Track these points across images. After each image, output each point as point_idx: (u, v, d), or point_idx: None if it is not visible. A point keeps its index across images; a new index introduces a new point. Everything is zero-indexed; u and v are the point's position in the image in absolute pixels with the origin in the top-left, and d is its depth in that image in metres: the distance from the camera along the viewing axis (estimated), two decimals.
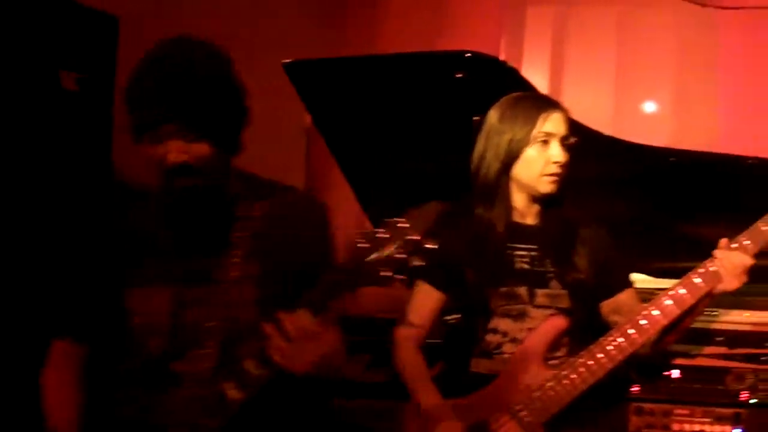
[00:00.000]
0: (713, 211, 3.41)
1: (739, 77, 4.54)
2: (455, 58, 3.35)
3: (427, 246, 1.85)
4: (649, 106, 4.70)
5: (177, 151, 2.01)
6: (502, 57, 4.55)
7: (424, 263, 2.58)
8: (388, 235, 1.83)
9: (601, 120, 4.40)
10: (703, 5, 4.54)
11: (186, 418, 2.04)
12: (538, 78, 4.58)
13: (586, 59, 4.69)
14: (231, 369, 2.03)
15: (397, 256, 1.82)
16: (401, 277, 1.84)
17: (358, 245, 1.85)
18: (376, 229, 1.84)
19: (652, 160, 3.63)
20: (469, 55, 3.34)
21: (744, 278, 2.44)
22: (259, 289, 2.11)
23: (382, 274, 1.83)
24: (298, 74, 3.38)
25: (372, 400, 3.12)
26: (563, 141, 2.55)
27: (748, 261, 2.42)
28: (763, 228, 2.45)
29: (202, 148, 2.03)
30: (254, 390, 2.02)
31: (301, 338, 1.93)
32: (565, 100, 4.53)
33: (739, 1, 4.53)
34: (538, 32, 4.67)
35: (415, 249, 1.83)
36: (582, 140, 2.80)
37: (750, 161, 3.61)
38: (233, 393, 2.01)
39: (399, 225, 1.83)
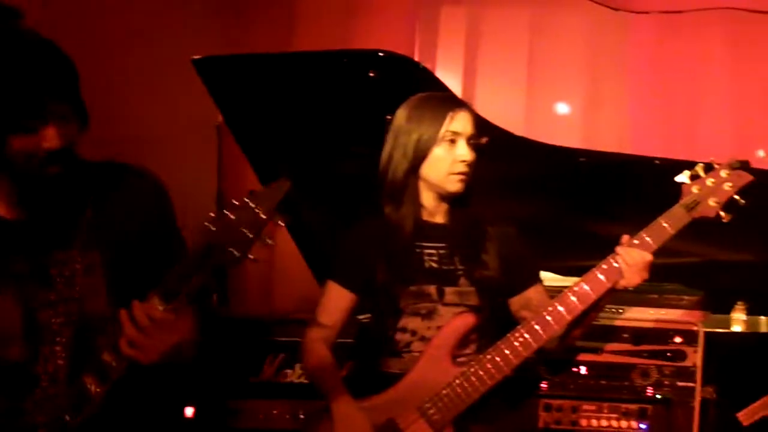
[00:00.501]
0: (622, 209, 3.47)
1: (648, 80, 4.63)
2: (368, 56, 3.35)
3: (278, 224, 1.81)
4: (561, 107, 4.76)
5: (56, 136, 1.91)
6: (416, 57, 4.57)
7: (334, 263, 2.60)
8: (234, 216, 1.79)
9: (513, 120, 4.45)
10: (615, 9, 4.62)
11: (48, 417, 1.98)
12: (452, 78, 4.61)
13: (499, 60, 4.72)
14: (90, 362, 1.97)
15: (249, 237, 1.78)
16: (252, 257, 1.79)
17: (207, 228, 1.81)
18: (224, 211, 1.80)
19: (562, 160, 3.68)
20: (382, 54, 3.34)
21: (645, 274, 2.48)
22: (106, 279, 2.04)
23: (234, 257, 1.79)
24: (209, 71, 3.33)
25: (290, 400, 3.12)
26: (470, 140, 2.57)
27: (648, 257, 2.47)
28: (664, 225, 2.50)
29: (73, 128, 1.96)
30: (113, 382, 1.96)
31: (150, 327, 1.88)
32: (479, 101, 4.65)
33: (649, 5, 4.62)
34: (453, 32, 4.68)
35: (262, 227, 1.79)
36: (493, 140, 2.82)
37: (656, 161, 3.69)
38: (93, 387, 1.96)
39: (246, 205, 1.79)
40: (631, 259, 2.47)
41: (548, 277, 3.38)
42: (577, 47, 4.72)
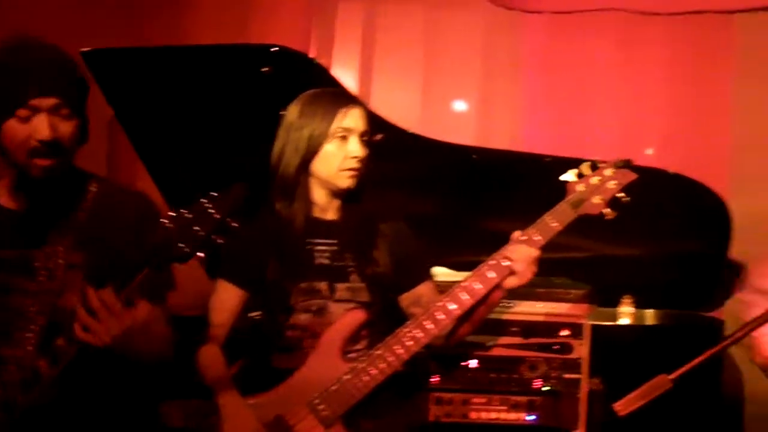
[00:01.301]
0: (513, 206, 3.53)
1: (540, 79, 4.72)
2: (261, 51, 3.33)
3: (232, 225, 1.94)
4: (456, 105, 4.81)
5: (48, 127, 2.09)
6: (312, 53, 4.56)
7: (224, 261, 2.58)
8: (191, 216, 1.92)
9: (409, 117, 4.48)
10: (509, 8, 4.70)
11: (6, 398, 2.10)
12: (348, 74, 4.63)
13: (395, 57, 4.74)
14: (46, 347, 2.10)
15: (200, 234, 1.92)
16: (201, 254, 1.90)
17: (163, 225, 1.93)
18: (182, 210, 1.93)
19: (456, 157, 3.73)
20: (275, 49, 3.33)
21: (533, 269, 2.53)
22: (85, 279, 2.16)
23: (183, 252, 1.93)
24: (98, 64, 3.26)
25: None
26: (362, 137, 2.58)
27: (534, 253, 2.51)
28: (551, 222, 2.56)
29: (69, 127, 2.14)
30: (64, 365, 2.09)
31: (103, 313, 2.00)
32: (375, 98, 4.68)
33: (542, 5, 4.71)
34: (349, 29, 4.69)
35: (218, 228, 1.93)
36: (388, 137, 2.84)
37: (547, 159, 3.77)
38: (45, 369, 2.08)
39: (202, 206, 1.93)
40: (519, 254, 2.51)
41: (441, 273, 3.42)
42: (472, 45, 4.78)
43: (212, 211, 1.92)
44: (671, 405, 3.35)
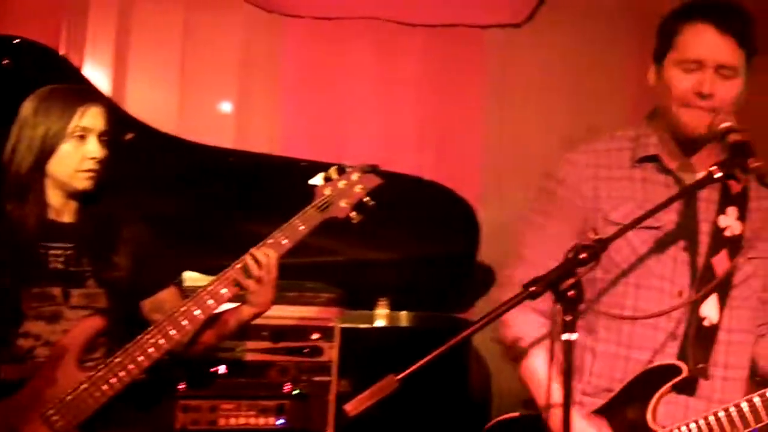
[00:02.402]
0: (269, 209, 3.52)
1: (300, 83, 4.74)
2: (1, 43, 3.16)
3: None
4: (214, 106, 4.75)
5: None
6: (62, 49, 4.35)
7: None
8: None
9: (165, 118, 4.39)
10: (268, 11, 4.69)
11: None
12: (101, 72, 4.46)
13: (151, 56, 4.61)
14: None
15: None
16: None
17: None
18: None
19: (211, 159, 3.68)
20: (17, 41, 3.17)
21: (274, 273, 2.53)
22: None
23: None
24: None
25: None
26: (101, 137, 2.48)
27: (274, 257, 2.52)
28: (298, 225, 2.57)
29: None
30: None
31: None
32: (130, 97, 4.53)
33: (301, 9, 4.72)
34: (102, 25, 4.51)
35: None
36: (139, 137, 2.76)
37: (303, 163, 3.79)
38: None
39: None
40: (264, 258, 2.50)
41: (192, 277, 3.36)
42: (231, 47, 4.73)
43: None
44: (422, 402, 3.49)
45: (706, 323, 2.10)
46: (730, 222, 2.13)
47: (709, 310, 2.11)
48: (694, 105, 2.07)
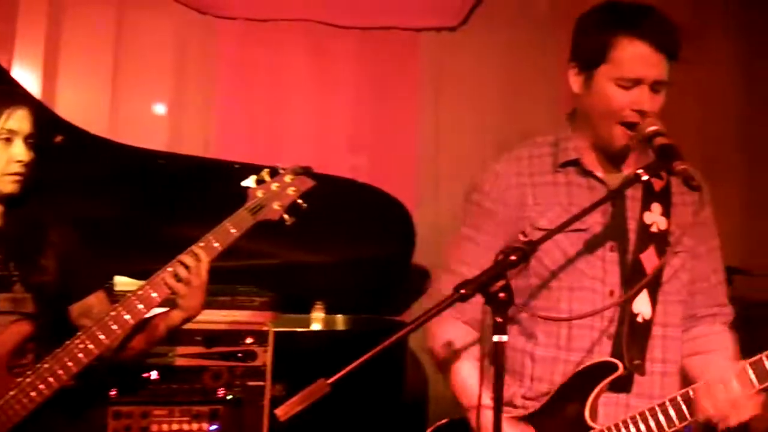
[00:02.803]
0: (203, 212, 3.49)
1: (234, 84, 4.70)
2: None
3: None
4: (147, 109, 4.68)
5: None
6: None
7: None
8: None
9: (97, 120, 4.32)
10: (202, 12, 4.64)
11: None
12: (31, 74, 4.39)
13: (82, 57, 4.54)
14: None
15: None
16: None
17: None
18: None
19: (142, 162, 3.63)
20: None
21: (204, 277, 2.51)
22: None
23: None
24: None
25: None
26: (28, 139, 2.43)
27: (205, 260, 2.49)
28: (230, 228, 2.55)
29: None
30: None
31: None
32: (60, 98, 4.45)
33: (235, 11, 4.69)
34: (32, 26, 4.42)
35: None
36: (69, 139, 2.71)
37: (236, 165, 3.76)
38: None
39: None
40: (194, 261, 2.48)
41: (123, 282, 3.32)
42: (164, 48, 4.68)
43: None
44: (359, 406, 3.49)
45: (639, 319, 2.12)
46: (655, 218, 2.16)
47: (642, 306, 2.13)
48: (628, 120, 2.08)
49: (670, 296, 2.18)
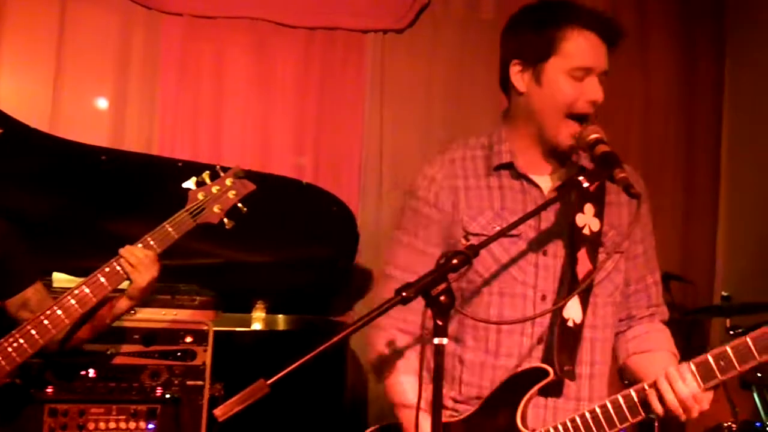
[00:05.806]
0: (145, 210, 3.46)
1: (178, 81, 4.65)
2: None
3: None
4: (89, 103, 4.61)
5: None
6: None
7: None
8: None
9: (38, 114, 4.26)
10: (147, 7, 4.59)
11: None
12: None
13: (24, 49, 4.46)
14: None
15: None
16: None
17: None
18: None
19: (83, 157, 3.58)
20: None
21: (153, 272, 2.49)
22: None
23: None
24: None
25: None
26: None
27: (150, 254, 2.48)
28: (169, 229, 2.54)
29: None
30: None
31: None
32: (0, 91, 4.37)
33: (180, 7, 4.63)
34: None
35: None
36: (7, 133, 2.68)
37: (180, 163, 3.74)
38: None
39: None
40: (135, 259, 2.47)
41: (61, 279, 3.27)
42: (108, 42, 4.61)
43: None
44: (299, 406, 3.48)
45: (570, 324, 2.12)
46: (587, 220, 2.15)
47: (573, 311, 2.13)
48: (580, 113, 2.10)
49: (601, 299, 2.19)
